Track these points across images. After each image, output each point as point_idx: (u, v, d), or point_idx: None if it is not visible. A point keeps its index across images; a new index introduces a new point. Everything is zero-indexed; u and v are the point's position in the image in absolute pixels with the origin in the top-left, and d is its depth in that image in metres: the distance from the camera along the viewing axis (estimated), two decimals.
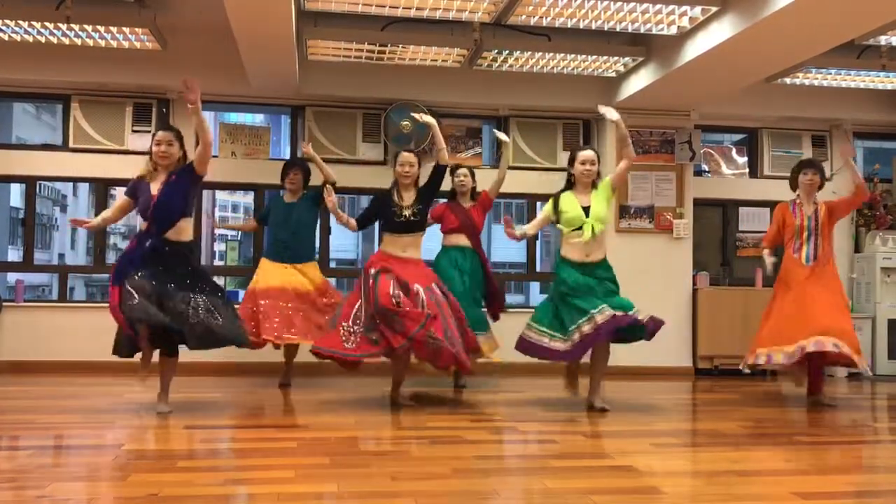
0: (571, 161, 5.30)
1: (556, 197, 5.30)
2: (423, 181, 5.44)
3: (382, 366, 5.46)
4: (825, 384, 5.99)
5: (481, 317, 6.18)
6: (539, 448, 4.15)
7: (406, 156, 5.38)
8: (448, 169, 5.73)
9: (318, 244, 7.27)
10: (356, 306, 5.04)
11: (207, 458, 3.92)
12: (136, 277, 4.55)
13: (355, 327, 4.97)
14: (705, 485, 3.46)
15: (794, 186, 5.90)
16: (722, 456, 3.99)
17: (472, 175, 6.43)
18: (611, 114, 5.15)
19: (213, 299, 4.73)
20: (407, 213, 5.22)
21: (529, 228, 5.42)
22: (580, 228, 5.12)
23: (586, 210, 5.14)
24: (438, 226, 6.38)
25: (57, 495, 2.96)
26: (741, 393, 6.27)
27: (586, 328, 4.95)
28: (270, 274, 6.11)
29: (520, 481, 3.40)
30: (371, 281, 5.02)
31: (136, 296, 4.47)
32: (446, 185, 6.12)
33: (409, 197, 5.28)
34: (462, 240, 6.23)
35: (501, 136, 6.46)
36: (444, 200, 6.49)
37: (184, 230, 4.76)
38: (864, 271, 8.05)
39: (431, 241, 6.36)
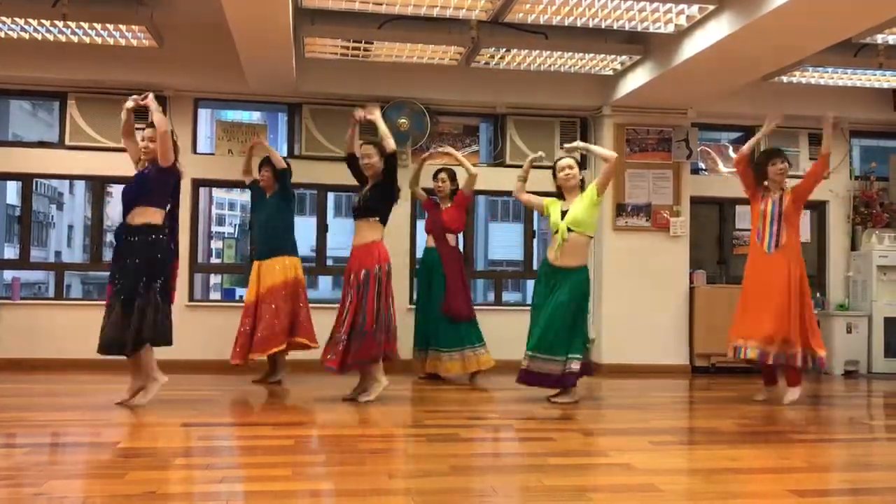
0: (554, 173, 5.59)
1: (551, 199, 5.60)
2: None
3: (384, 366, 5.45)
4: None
5: (455, 334, 6.36)
6: (536, 446, 4.15)
7: (363, 147, 5.37)
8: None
9: (315, 242, 7.27)
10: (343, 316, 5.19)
11: (204, 455, 3.91)
12: (115, 283, 4.89)
13: (337, 335, 5.17)
14: (702, 482, 3.46)
15: (763, 178, 5.74)
16: (719, 453, 3.99)
17: (453, 177, 6.54)
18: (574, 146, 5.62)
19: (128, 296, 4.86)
20: (357, 198, 5.33)
21: (523, 177, 5.67)
22: (557, 232, 5.43)
23: (564, 214, 5.42)
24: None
25: (53, 493, 2.95)
26: (738, 390, 6.28)
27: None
28: (252, 281, 6.18)
29: (517, 479, 3.40)
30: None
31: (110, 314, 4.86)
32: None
33: (369, 185, 5.36)
34: (430, 241, 6.55)
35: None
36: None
37: (140, 214, 4.92)
38: (860, 269, 8.05)
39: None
